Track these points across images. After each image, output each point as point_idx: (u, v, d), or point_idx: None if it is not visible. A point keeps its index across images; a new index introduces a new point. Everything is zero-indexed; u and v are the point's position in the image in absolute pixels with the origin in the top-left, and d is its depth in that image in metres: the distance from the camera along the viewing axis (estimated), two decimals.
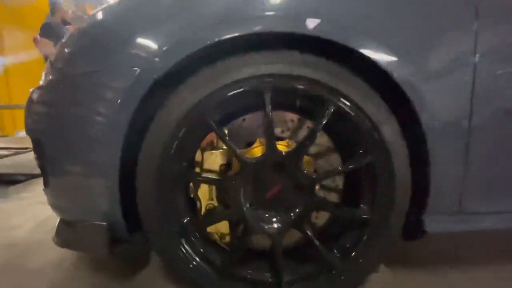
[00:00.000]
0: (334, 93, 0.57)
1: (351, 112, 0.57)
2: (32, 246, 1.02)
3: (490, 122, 0.61)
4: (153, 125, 0.60)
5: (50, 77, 0.71)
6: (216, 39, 0.55)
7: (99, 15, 0.69)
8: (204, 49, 0.56)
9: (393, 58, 0.56)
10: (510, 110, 0.60)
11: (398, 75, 0.56)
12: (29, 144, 0.82)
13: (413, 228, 0.66)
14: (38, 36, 2.87)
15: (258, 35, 0.56)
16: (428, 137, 0.59)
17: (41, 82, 0.76)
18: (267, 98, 0.57)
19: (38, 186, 1.78)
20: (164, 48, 0.57)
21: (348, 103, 0.57)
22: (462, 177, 0.62)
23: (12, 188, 1.75)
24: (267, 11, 0.56)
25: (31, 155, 2.67)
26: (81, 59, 0.65)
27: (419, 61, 0.58)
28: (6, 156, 2.52)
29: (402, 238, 0.67)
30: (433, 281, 0.77)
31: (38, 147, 0.73)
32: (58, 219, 0.80)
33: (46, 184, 0.76)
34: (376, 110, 0.58)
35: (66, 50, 0.69)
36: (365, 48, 0.55)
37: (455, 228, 0.67)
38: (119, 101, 0.59)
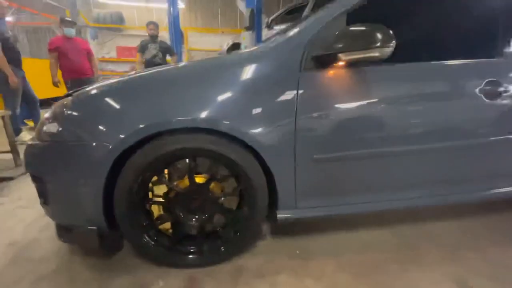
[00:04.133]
0: (224, 155, 1.08)
1: (234, 164, 1.09)
2: (30, 242, 1.42)
3: (306, 159, 1.16)
4: (123, 174, 1.05)
5: (45, 138, 1.09)
6: (163, 129, 1.01)
7: (92, 98, 1.08)
8: (153, 133, 1.02)
9: (249, 132, 1.07)
10: (316, 159, 1.17)
11: (249, 140, 1.07)
12: None
13: (275, 218, 1.24)
14: None
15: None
16: (272, 169, 1.14)
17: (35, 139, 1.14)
18: (189, 160, 1.07)
19: (10, 191, 2.06)
20: (129, 133, 1.01)
21: (231, 159, 1.09)
22: (294, 189, 1.20)
23: None
24: (196, 115, 1.03)
25: None
26: (75, 130, 1.05)
27: (261, 130, 1.07)
28: None
29: (272, 222, 1.25)
30: (298, 243, 1.39)
31: (39, 181, 1.13)
32: (54, 223, 1.23)
33: (46, 203, 1.17)
34: (244, 160, 1.10)
35: (57, 122, 1.08)
36: (239, 134, 1.06)
37: (293, 217, 1.25)
38: (100, 159, 1.03)
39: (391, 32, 0.96)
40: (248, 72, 1.11)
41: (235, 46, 5.99)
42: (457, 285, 1.14)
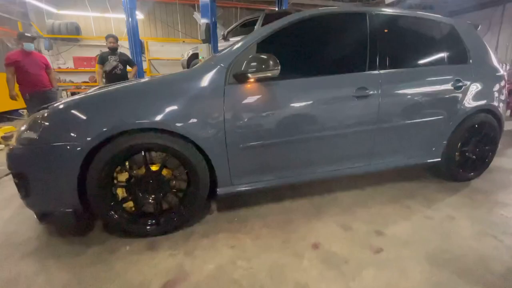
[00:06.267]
0: (171, 148, 1.48)
1: (179, 154, 1.50)
2: (11, 233, 1.67)
3: (234, 148, 1.61)
4: (93, 163, 1.40)
5: (26, 142, 1.40)
6: (121, 131, 1.39)
7: (64, 110, 1.41)
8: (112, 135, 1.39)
9: (193, 130, 1.49)
10: (242, 147, 1.62)
11: (193, 136, 1.50)
12: None
13: (215, 193, 1.66)
14: None
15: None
16: (210, 157, 1.57)
17: (15, 142, 1.44)
18: (144, 152, 1.45)
19: None
20: (93, 137, 1.36)
21: (177, 151, 1.49)
22: (229, 171, 1.64)
23: None
24: (156, 117, 1.42)
25: None
26: (52, 135, 1.37)
27: (201, 128, 1.51)
28: None
29: (212, 198, 1.68)
30: (237, 213, 1.82)
31: (21, 178, 1.43)
32: (33, 213, 1.52)
33: (27, 195, 1.47)
34: (188, 151, 1.52)
35: (38, 127, 1.39)
36: (186, 132, 1.47)
37: (230, 192, 1.69)
38: (74, 157, 1.37)
39: (277, 60, 1.46)
40: (191, 86, 1.54)
41: (195, 56, 6.37)
42: (341, 228, 1.66)
